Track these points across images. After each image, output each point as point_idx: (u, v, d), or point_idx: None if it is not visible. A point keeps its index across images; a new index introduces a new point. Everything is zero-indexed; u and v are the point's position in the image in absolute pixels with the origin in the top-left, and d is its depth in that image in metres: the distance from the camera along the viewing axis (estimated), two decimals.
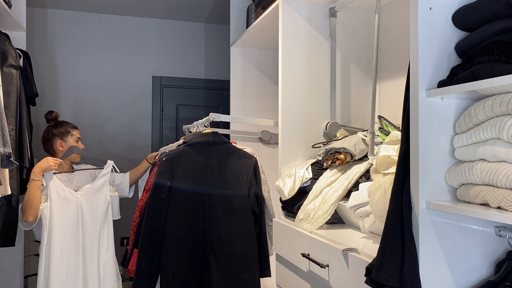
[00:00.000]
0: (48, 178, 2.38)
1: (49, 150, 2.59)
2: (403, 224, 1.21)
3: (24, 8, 2.93)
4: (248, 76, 3.30)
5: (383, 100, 2.31)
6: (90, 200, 2.44)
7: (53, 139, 2.56)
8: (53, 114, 2.65)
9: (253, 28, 2.80)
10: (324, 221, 1.86)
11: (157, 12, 4.15)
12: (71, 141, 2.57)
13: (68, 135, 2.58)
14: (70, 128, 2.62)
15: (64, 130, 2.59)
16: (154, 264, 2.18)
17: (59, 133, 2.57)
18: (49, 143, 2.58)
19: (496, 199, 1.07)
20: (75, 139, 2.60)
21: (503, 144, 1.07)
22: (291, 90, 2.28)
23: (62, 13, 4.06)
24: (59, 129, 2.58)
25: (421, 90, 1.21)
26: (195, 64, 4.46)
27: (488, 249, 1.27)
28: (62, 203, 2.38)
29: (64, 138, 2.57)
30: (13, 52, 2.36)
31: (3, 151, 1.94)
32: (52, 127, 2.60)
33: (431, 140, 1.22)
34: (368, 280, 1.27)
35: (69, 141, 2.57)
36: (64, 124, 2.62)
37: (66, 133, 2.58)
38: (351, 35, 2.39)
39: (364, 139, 1.95)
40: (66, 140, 2.57)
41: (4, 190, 2.08)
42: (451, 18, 1.25)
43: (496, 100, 1.09)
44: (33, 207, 2.29)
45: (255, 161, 2.36)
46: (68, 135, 2.58)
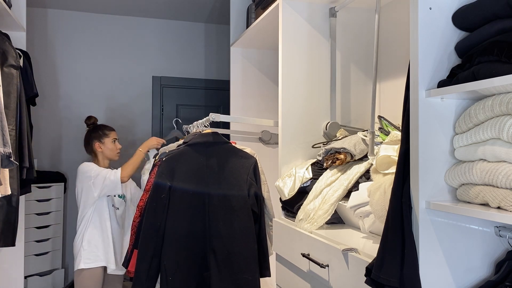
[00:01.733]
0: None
1: (90, 152, 2.96)
2: (403, 224, 1.21)
3: (24, 8, 2.93)
4: (248, 76, 3.30)
5: (383, 100, 2.31)
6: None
7: (92, 142, 2.92)
8: (91, 119, 3.01)
9: (253, 28, 2.80)
10: (324, 221, 1.86)
11: (157, 12, 4.16)
12: (108, 142, 2.93)
13: (105, 137, 2.92)
14: (107, 130, 2.96)
15: (102, 133, 2.93)
16: (154, 264, 2.18)
17: (97, 136, 2.92)
18: (89, 146, 2.94)
19: (496, 199, 1.07)
20: (111, 140, 2.94)
21: (503, 144, 1.07)
22: (291, 90, 2.28)
23: (62, 13, 4.06)
24: (97, 133, 2.93)
25: (421, 90, 1.21)
26: (195, 64, 4.46)
27: (488, 249, 1.27)
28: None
29: (102, 140, 2.92)
30: (13, 52, 2.36)
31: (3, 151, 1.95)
32: (91, 131, 2.96)
33: (431, 140, 1.22)
34: (368, 280, 1.27)
35: (106, 142, 2.92)
36: (101, 128, 2.96)
37: (104, 135, 2.92)
38: (351, 35, 2.39)
39: (364, 139, 1.95)
40: (103, 142, 2.92)
41: (4, 190, 2.08)
42: (451, 18, 1.25)
43: (496, 100, 1.09)
44: (129, 169, 2.83)
45: (255, 161, 2.36)
46: (105, 137, 2.92)
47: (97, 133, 2.92)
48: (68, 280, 3.97)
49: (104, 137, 2.92)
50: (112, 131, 2.96)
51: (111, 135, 2.94)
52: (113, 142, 2.93)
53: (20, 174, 2.35)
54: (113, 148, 2.95)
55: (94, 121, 3.01)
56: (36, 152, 2.87)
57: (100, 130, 2.94)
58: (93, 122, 3.00)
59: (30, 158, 2.43)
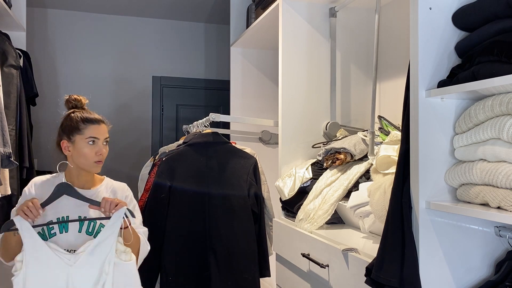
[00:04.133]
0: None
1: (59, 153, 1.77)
2: (403, 224, 1.21)
3: (24, 8, 2.93)
4: (248, 76, 3.30)
5: (383, 100, 2.31)
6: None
7: (58, 138, 1.73)
8: (71, 101, 1.80)
9: (253, 28, 2.80)
10: (324, 221, 1.86)
11: (157, 12, 4.15)
12: (80, 142, 1.67)
13: (76, 134, 1.67)
14: (83, 123, 1.69)
15: (74, 126, 1.68)
16: (154, 264, 2.18)
17: (66, 129, 1.70)
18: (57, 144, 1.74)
19: (496, 199, 1.06)
20: (86, 138, 1.67)
21: (503, 144, 1.07)
22: (291, 90, 2.28)
23: (62, 13, 4.06)
24: (69, 124, 1.70)
25: (421, 90, 1.21)
26: (195, 64, 4.46)
27: (488, 249, 1.27)
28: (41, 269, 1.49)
29: (72, 137, 1.68)
30: (13, 52, 2.36)
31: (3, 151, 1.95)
32: (63, 120, 1.74)
33: (431, 140, 1.22)
34: (368, 280, 1.27)
35: (77, 142, 1.67)
36: (76, 117, 1.71)
37: (75, 130, 1.67)
38: (351, 35, 2.39)
39: (364, 139, 1.95)
40: (73, 140, 1.67)
41: (4, 190, 2.08)
42: (451, 18, 1.25)
43: (496, 100, 1.09)
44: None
45: (255, 161, 2.37)
46: (76, 134, 1.67)
47: (68, 124, 1.69)
48: None
49: (76, 133, 1.66)
50: (91, 124, 1.69)
51: (86, 130, 1.67)
52: (89, 143, 1.67)
53: (20, 174, 2.35)
54: (88, 152, 1.66)
55: (76, 104, 1.77)
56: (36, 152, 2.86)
57: (72, 121, 1.69)
58: (73, 106, 1.77)
59: (30, 158, 2.43)
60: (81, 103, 1.80)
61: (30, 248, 1.48)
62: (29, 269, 1.48)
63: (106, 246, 1.51)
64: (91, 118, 1.73)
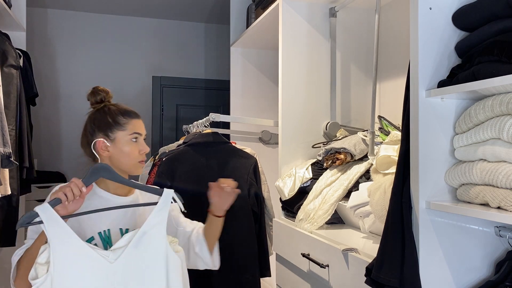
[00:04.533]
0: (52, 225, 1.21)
1: (91, 155, 1.48)
2: (403, 224, 1.21)
3: (24, 8, 2.93)
4: (248, 76, 3.30)
5: (383, 100, 2.31)
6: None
7: (93, 136, 1.46)
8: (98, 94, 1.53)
9: (253, 28, 2.80)
10: (324, 221, 1.86)
11: (157, 12, 4.15)
12: (122, 139, 1.45)
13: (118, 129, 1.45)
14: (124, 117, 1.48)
15: (113, 121, 1.46)
16: None
17: (103, 125, 1.46)
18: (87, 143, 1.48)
19: (496, 199, 1.06)
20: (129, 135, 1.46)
21: (503, 144, 1.07)
22: (291, 90, 2.28)
23: (62, 13, 4.06)
24: (104, 119, 1.46)
25: (421, 90, 1.21)
26: (195, 64, 4.46)
27: (488, 249, 1.27)
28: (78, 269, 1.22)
29: (111, 134, 1.44)
30: (13, 52, 2.36)
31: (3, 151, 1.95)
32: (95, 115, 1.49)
33: (431, 140, 1.22)
34: (368, 280, 1.27)
35: (119, 139, 1.45)
36: (113, 111, 1.48)
37: (116, 125, 1.45)
38: (351, 35, 2.39)
39: (364, 139, 1.95)
40: (114, 138, 1.44)
41: (4, 190, 2.08)
42: (451, 18, 1.25)
43: (496, 100, 1.09)
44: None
45: (255, 161, 2.36)
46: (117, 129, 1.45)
47: (104, 119, 1.46)
48: None
49: (117, 129, 1.45)
50: (133, 118, 1.50)
51: (129, 125, 1.47)
52: (132, 141, 1.46)
53: (20, 174, 2.35)
54: (132, 151, 1.46)
55: (104, 96, 1.53)
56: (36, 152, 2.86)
57: (110, 115, 1.47)
58: (102, 100, 1.53)
59: (30, 158, 2.43)
60: (109, 96, 1.54)
61: (59, 245, 1.16)
62: (58, 272, 1.14)
63: (154, 236, 1.24)
64: (131, 111, 1.50)
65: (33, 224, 1.20)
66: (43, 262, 1.17)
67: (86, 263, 1.18)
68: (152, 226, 1.25)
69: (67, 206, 1.22)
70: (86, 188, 1.25)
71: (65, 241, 1.18)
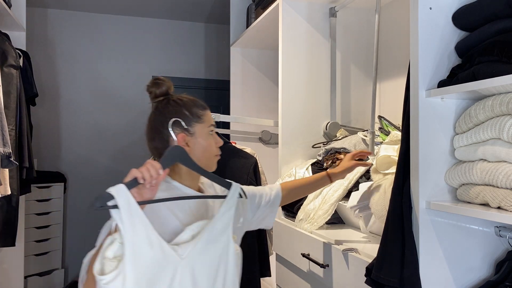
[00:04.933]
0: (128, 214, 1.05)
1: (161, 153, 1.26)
2: (403, 224, 1.21)
3: (24, 8, 2.93)
4: (248, 76, 3.30)
5: (383, 100, 2.31)
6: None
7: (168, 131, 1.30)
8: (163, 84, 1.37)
9: (253, 28, 2.80)
10: (324, 221, 1.86)
11: (157, 12, 4.15)
12: (202, 133, 1.33)
13: (197, 122, 1.33)
14: (200, 109, 1.35)
15: (190, 114, 1.33)
16: None
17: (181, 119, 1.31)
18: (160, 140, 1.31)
19: (496, 199, 1.06)
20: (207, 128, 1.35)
21: (503, 144, 1.07)
22: (291, 90, 2.28)
23: (62, 13, 4.06)
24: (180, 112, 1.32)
25: (421, 90, 1.21)
26: (195, 64, 4.46)
27: (488, 249, 1.27)
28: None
29: (190, 128, 1.31)
30: (13, 52, 2.36)
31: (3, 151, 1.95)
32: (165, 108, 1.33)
33: (431, 140, 1.22)
34: (368, 280, 1.27)
35: (198, 133, 1.33)
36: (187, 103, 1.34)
37: (195, 118, 1.33)
38: (351, 35, 2.39)
39: (364, 139, 1.95)
40: (193, 132, 1.32)
41: (4, 190, 2.08)
42: (451, 18, 1.25)
43: (496, 100, 1.09)
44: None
45: (255, 161, 2.36)
46: (196, 122, 1.33)
47: (180, 112, 1.32)
48: (67, 280, 3.96)
49: (195, 122, 1.32)
50: (206, 109, 1.37)
51: (206, 117, 1.35)
52: (210, 134, 1.35)
53: (20, 174, 2.35)
54: (210, 145, 1.35)
55: (169, 87, 1.39)
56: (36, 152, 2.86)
57: (185, 107, 1.33)
58: (167, 91, 1.38)
59: (30, 158, 2.43)
60: (172, 86, 1.40)
61: (133, 237, 1.01)
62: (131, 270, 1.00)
63: (223, 231, 1.17)
64: (202, 102, 1.38)
65: (106, 208, 1.01)
66: (111, 256, 1.01)
67: (160, 260, 1.05)
68: (220, 222, 1.17)
69: (142, 191, 1.07)
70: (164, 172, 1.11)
71: (141, 233, 1.02)
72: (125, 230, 1.00)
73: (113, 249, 1.01)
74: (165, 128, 1.29)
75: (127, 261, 1.00)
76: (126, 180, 1.06)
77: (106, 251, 1.01)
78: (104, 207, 1.01)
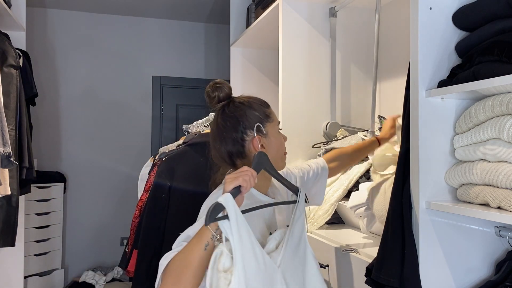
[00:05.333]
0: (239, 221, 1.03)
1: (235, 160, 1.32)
2: (403, 224, 1.21)
3: (24, 8, 2.92)
4: (248, 76, 3.30)
5: (383, 100, 2.31)
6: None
7: (245, 135, 1.28)
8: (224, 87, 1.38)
9: (253, 28, 2.80)
10: (324, 221, 1.86)
11: (157, 12, 4.15)
12: (274, 132, 1.32)
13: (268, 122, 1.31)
14: (267, 108, 1.34)
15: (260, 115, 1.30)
16: (154, 264, 2.17)
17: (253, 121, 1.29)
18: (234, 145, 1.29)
19: (496, 199, 1.06)
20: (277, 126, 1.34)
21: (503, 144, 1.07)
22: (291, 90, 2.28)
23: (62, 13, 4.06)
24: (252, 113, 1.30)
25: (421, 90, 1.21)
26: (195, 64, 4.46)
27: (488, 249, 1.27)
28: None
29: (263, 128, 1.29)
30: (13, 52, 2.36)
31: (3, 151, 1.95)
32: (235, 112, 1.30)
33: (431, 140, 1.22)
34: (368, 280, 1.27)
35: (271, 132, 1.31)
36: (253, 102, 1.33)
37: (266, 118, 1.31)
38: (351, 35, 2.39)
39: (364, 139, 1.95)
40: (267, 132, 1.30)
41: (4, 190, 2.08)
42: (451, 18, 1.24)
43: (496, 100, 1.09)
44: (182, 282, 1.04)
45: None
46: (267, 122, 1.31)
47: (251, 114, 1.29)
48: (67, 280, 3.96)
49: (266, 122, 1.31)
50: (270, 107, 1.36)
51: (273, 115, 1.34)
52: (279, 131, 1.35)
53: (20, 174, 2.35)
54: (282, 143, 1.34)
55: (230, 89, 1.39)
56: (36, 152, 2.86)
57: (254, 108, 1.31)
58: (230, 93, 1.38)
59: (30, 158, 2.43)
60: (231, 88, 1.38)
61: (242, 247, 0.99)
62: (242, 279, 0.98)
63: (301, 235, 1.17)
64: (264, 100, 1.35)
65: (219, 220, 0.97)
66: (222, 269, 0.98)
67: (264, 271, 1.03)
68: (297, 228, 1.17)
69: (239, 200, 1.05)
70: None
71: (247, 244, 1.00)
72: (235, 242, 0.98)
73: (223, 262, 0.99)
74: (238, 132, 1.27)
75: (240, 274, 0.98)
76: (229, 188, 1.03)
77: (218, 265, 0.99)
78: (218, 219, 0.98)
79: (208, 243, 1.02)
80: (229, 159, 1.30)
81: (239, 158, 1.29)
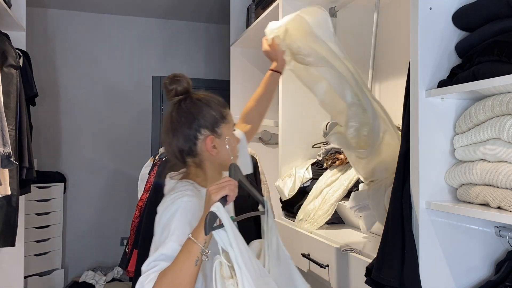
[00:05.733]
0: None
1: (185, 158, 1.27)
2: (403, 224, 1.21)
3: (24, 8, 2.92)
4: (248, 76, 3.30)
5: (383, 100, 2.31)
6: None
7: (197, 134, 1.24)
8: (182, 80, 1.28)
9: (253, 28, 2.80)
10: (324, 221, 1.86)
11: (157, 12, 4.15)
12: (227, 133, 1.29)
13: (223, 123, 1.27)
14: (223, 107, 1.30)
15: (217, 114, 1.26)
16: None
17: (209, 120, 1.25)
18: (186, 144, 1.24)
19: (496, 199, 1.06)
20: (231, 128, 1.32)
21: (503, 144, 1.07)
22: (291, 90, 2.28)
23: (62, 13, 4.07)
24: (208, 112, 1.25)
25: (421, 90, 1.21)
26: (195, 64, 4.46)
27: (488, 249, 1.27)
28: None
29: (217, 129, 1.26)
30: (13, 52, 2.36)
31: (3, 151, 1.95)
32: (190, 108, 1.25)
33: (431, 140, 1.22)
34: (368, 280, 1.27)
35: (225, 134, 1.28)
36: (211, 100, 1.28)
37: (221, 119, 1.27)
38: (351, 34, 2.38)
39: None
40: (220, 133, 1.26)
41: (4, 190, 2.08)
42: (451, 18, 1.25)
43: (496, 100, 1.09)
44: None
45: (255, 161, 2.36)
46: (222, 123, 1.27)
47: (207, 112, 1.25)
48: (67, 280, 3.96)
49: (222, 122, 1.27)
50: (228, 108, 1.32)
51: (229, 116, 1.31)
52: (233, 134, 1.33)
53: (20, 174, 2.35)
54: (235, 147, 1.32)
55: (189, 83, 1.29)
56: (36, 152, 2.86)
57: (211, 107, 1.26)
58: (188, 88, 1.29)
59: (30, 158, 2.43)
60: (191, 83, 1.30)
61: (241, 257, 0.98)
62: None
63: (279, 245, 1.18)
64: (222, 100, 1.30)
65: (216, 229, 0.98)
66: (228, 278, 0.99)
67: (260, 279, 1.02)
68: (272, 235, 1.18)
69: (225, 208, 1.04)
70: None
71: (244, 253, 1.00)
72: (235, 250, 0.98)
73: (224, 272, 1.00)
74: (191, 129, 1.22)
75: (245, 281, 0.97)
76: (216, 197, 1.03)
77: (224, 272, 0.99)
78: (215, 228, 0.98)
79: (198, 258, 1.01)
80: (180, 155, 1.25)
81: (190, 156, 1.25)
